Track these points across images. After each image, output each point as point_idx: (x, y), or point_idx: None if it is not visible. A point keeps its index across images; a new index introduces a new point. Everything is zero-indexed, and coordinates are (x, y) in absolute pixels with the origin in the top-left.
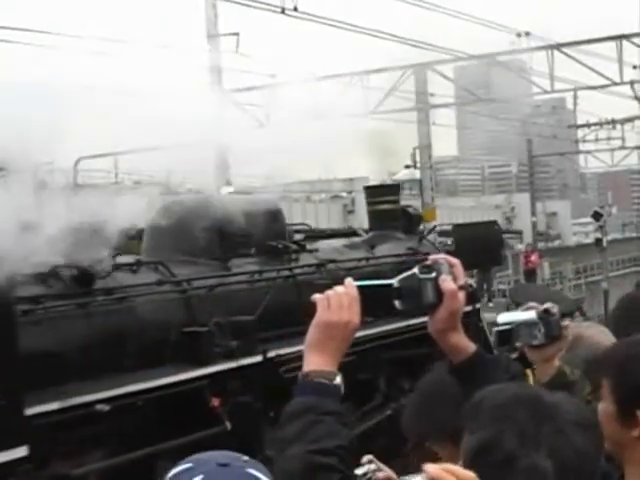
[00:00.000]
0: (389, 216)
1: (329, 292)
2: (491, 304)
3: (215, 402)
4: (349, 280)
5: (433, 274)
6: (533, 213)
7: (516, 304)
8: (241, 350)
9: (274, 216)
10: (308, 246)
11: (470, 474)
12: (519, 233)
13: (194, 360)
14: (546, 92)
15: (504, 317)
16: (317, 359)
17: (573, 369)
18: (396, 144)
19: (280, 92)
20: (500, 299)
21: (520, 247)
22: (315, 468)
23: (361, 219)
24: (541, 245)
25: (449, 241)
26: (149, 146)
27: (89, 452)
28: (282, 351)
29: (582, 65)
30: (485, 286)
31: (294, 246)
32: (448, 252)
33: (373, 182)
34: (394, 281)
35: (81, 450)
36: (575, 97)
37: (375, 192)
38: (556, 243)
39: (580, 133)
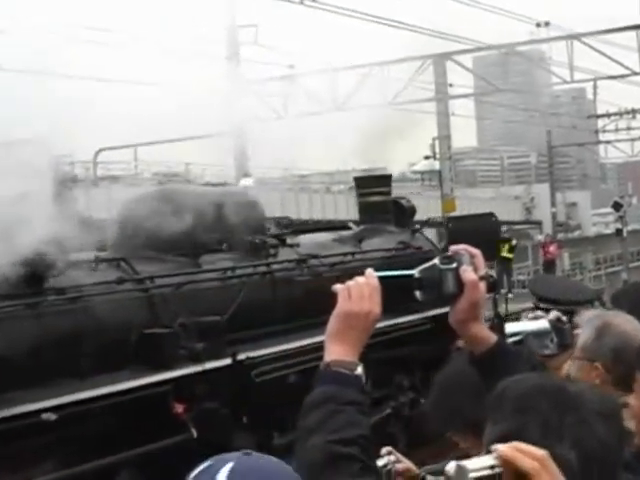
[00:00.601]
0: (380, 208)
1: (350, 282)
2: (511, 295)
3: (179, 408)
4: (370, 270)
5: (454, 264)
6: (553, 204)
7: (537, 297)
8: (207, 352)
9: (251, 209)
10: (289, 240)
11: (541, 451)
12: (538, 224)
13: (155, 364)
14: (566, 82)
15: (513, 327)
16: (338, 349)
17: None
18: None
19: (299, 83)
20: (520, 290)
21: (540, 238)
22: (336, 458)
23: None
24: (561, 236)
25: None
26: (168, 138)
27: (38, 463)
28: (254, 353)
29: (602, 55)
30: (505, 277)
31: (274, 240)
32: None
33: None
34: (415, 272)
35: (29, 461)
36: (595, 87)
37: (365, 183)
38: (576, 234)
39: (600, 123)
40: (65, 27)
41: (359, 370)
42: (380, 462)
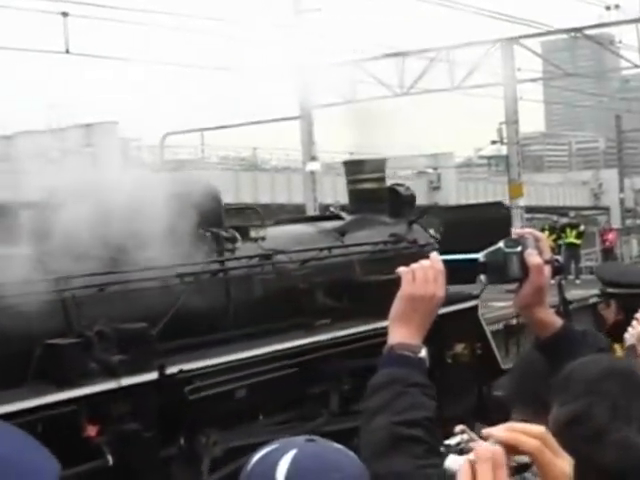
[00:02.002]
0: (373, 197)
1: (414, 265)
2: (578, 281)
3: (92, 431)
4: (434, 254)
5: (519, 248)
6: (621, 189)
7: (603, 282)
8: (127, 366)
9: (206, 199)
10: (253, 233)
11: (539, 428)
12: (606, 210)
13: (58, 379)
14: (635, 66)
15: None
16: (402, 332)
17: None
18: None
19: (364, 67)
20: (587, 276)
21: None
22: (400, 439)
23: (447, 195)
24: (629, 222)
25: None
26: (235, 122)
27: None
28: (191, 365)
29: None
30: (573, 263)
31: (232, 233)
32: (436, 238)
33: (458, 158)
34: (480, 255)
35: None
36: None
37: (355, 168)
38: None
39: None
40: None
41: (423, 353)
42: (453, 441)
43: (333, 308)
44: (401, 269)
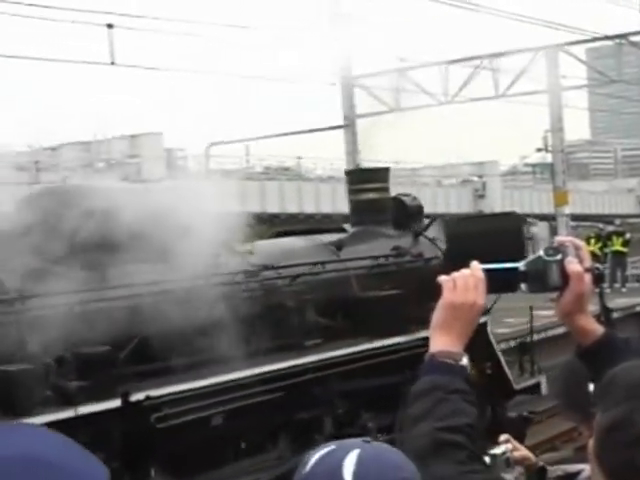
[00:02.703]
0: (375, 207)
1: (455, 274)
2: (624, 289)
3: None
4: (475, 263)
5: (559, 256)
6: None
7: None
8: (86, 392)
9: (184, 209)
10: (239, 248)
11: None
12: None
13: (7, 408)
14: None
15: None
16: (443, 340)
17: None
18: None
19: (409, 75)
20: (633, 284)
21: None
22: (442, 445)
23: (492, 203)
24: None
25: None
26: (280, 132)
27: None
28: (159, 391)
29: None
30: (619, 271)
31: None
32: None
33: (503, 167)
34: (520, 264)
35: None
36: None
37: (357, 177)
38: None
39: None
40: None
41: (464, 361)
42: (498, 450)
43: (326, 327)
44: (442, 278)
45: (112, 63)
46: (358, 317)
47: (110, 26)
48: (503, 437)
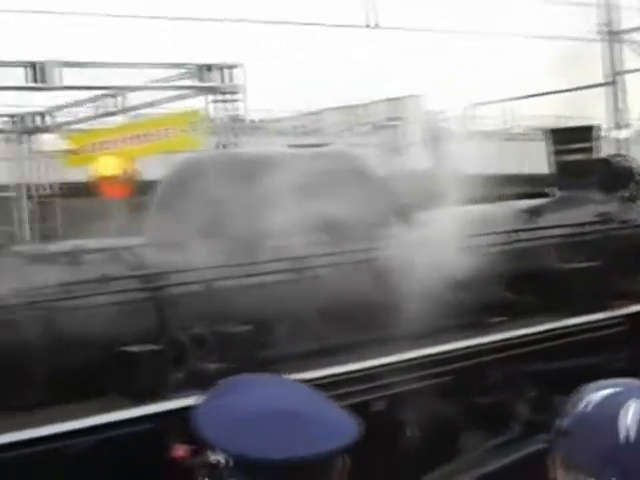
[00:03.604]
0: (580, 170)
1: None
2: None
3: (180, 451)
4: None
5: None
6: None
7: None
8: (224, 376)
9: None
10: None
11: None
12: None
13: (136, 395)
14: None
15: None
16: None
17: None
18: None
19: None
20: None
21: None
22: None
23: None
24: None
25: None
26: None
27: None
28: (306, 375)
29: None
30: None
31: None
32: None
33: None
34: None
35: None
36: None
37: (561, 137)
38: None
39: None
40: None
41: None
42: None
43: (513, 303)
44: None
45: (368, 26)
46: (553, 291)
47: None
48: None
